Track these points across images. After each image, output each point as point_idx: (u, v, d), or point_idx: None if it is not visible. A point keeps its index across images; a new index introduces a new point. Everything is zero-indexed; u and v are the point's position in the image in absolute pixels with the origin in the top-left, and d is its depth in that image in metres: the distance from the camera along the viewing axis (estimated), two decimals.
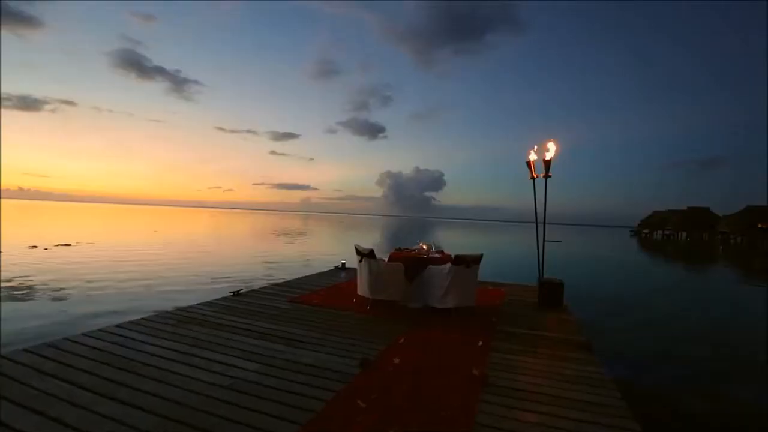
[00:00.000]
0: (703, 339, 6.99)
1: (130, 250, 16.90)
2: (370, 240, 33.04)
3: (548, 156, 5.68)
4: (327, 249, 22.33)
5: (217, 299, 5.28)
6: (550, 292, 5.49)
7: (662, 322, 8.10)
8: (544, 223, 6.15)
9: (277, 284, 6.56)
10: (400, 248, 6.01)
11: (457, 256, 4.74)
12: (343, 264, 8.45)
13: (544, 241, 6.26)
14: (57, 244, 17.03)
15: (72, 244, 17.48)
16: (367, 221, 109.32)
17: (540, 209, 6.27)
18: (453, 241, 35.31)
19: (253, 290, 5.97)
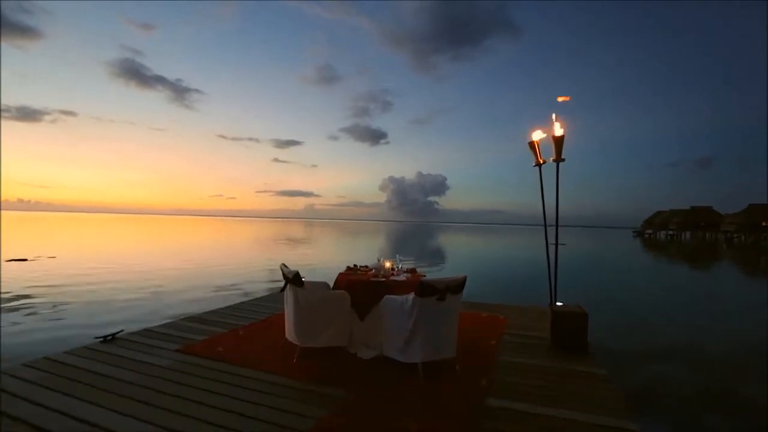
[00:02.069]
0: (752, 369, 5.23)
1: (90, 263, 15.23)
2: (375, 246, 31.44)
3: (559, 131, 3.97)
4: (326, 257, 20.91)
5: (74, 348, 3.57)
6: (568, 329, 3.73)
7: (694, 344, 6.34)
8: (557, 225, 4.40)
9: (185, 318, 4.77)
10: (356, 267, 4.28)
11: (423, 283, 3.00)
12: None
13: (556, 248, 4.54)
14: (9, 259, 15.34)
15: (28, 258, 15.83)
16: (370, 227, 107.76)
17: (550, 205, 4.54)
18: (453, 248, 33.56)
19: (146, 329, 4.24)
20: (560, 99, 4.34)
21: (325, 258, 20.94)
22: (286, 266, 3.55)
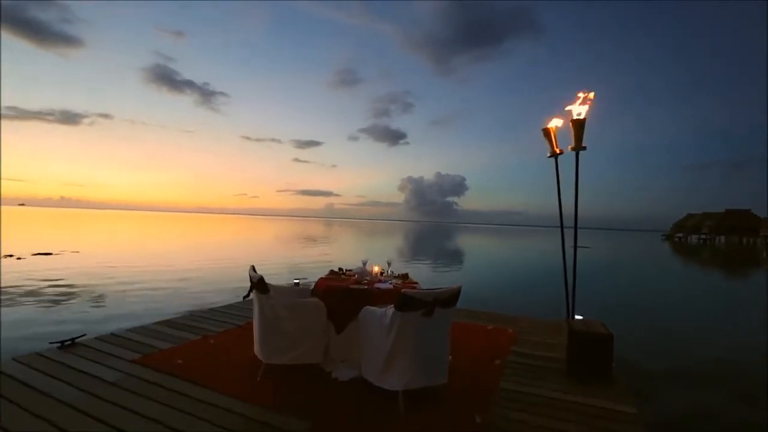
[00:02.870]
0: None
1: (110, 258, 15.35)
2: (392, 245, 31.00)
3: (578, 112, 3.35)
4: (344, 255, 20.81)
5: (24, 354, 3.20)
6: (588, 353, 3.11)
7: (737, 365, 5.53)
8: (575, 226, 3.76)
9: (161, 321, 4.32)
10: (342, 270, 3.77)
11: (405, 295, 2.46)
12: (297, 283, 6.21)
13: (575, 252, 3.91)
14: (35, 253, 15.71)
15: (53, 252, 16.16)
16: (388, 227, 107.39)
17: (568, 203, 3.91)
18: (467, 249, 32.79)
19: (112, 334, 3.84)
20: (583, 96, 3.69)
21: (342, 256, 20.63)
22: (254, 269, 3.08)
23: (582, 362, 3.12)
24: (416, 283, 3.43)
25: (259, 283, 2.84)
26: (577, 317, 4.05)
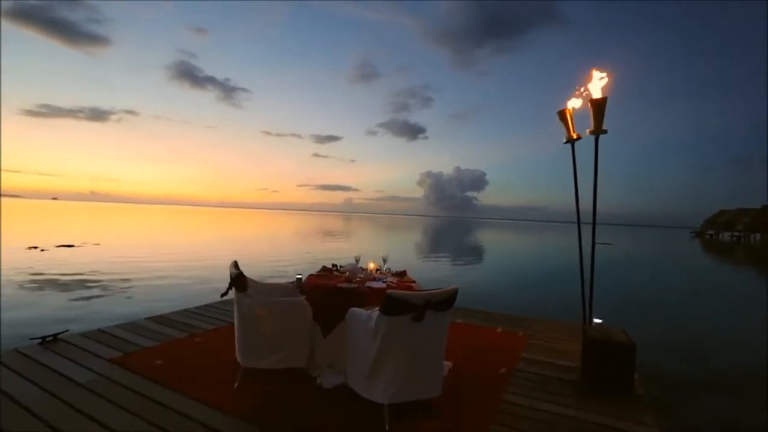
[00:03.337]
0: None
1: (130, 251, 15.70)
2: (410, 241, 30.67)
3: (598, 89, 2.96)
4: (363, 250, 20.61)
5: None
6: (606, 364, 2.74)
7: None
8: (594, 220, 3.37)
9: (152, 317, 4.13)
10: (335, 266, 3.50)
11: (391, 297, 2.16)
12: (299, 279, 5.98)
13: (593, 249, 3.50)
14: (59, 245, 16.16)
15: (75, 245, 16.59)
16: (407, 222, 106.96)
17: (585, 195, 3.50)
18: (483, 245, 32.20)
19: (100, 330, 3.68)
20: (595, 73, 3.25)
21: (361, 251, 20.49)
22: (236, 266, 2.83)
23: (598, 375, 2.76)
24: (413, 281, 3.13)
25: (235, 280, 2.60)
26: (596, 321, 3.66)
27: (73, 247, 15.68)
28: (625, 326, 3.07)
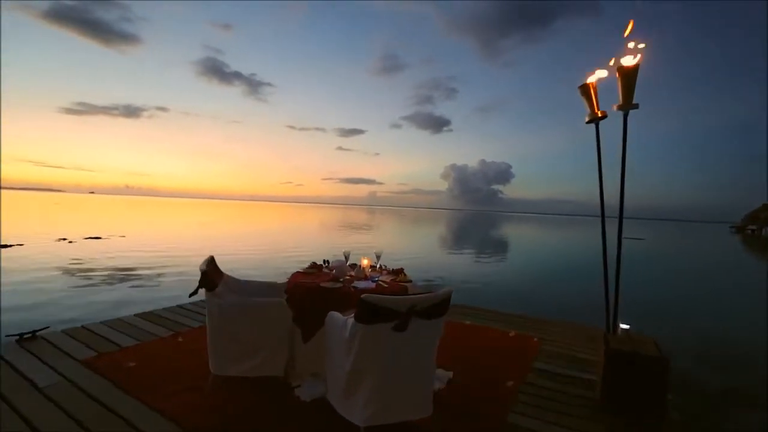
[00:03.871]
0: None
1: (153, 243, 15.93)
2: (435, 234, 30.22)
3: (630, 59, 2.49)
4: (388, 243, 20.67)
5: None
6: (630, 379, 2.31)
7: None
8: (621, 213, 2.89)
9: (141, 313, 3.92)
10: (326, 263, 3.17)
11: (365, 302, 1.81)
12: None
13: (619, 244, 3.02)
14: (86, 237, 16.64)
15: (102, 237, 17.04)
16: (431, 215, 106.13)
17: (611, 183, 3.02)
18: (507, 240, 31.31)
19: (84, 327, 3.51)
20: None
21: (384, 244, 20.29)
22: (211, 262, 2.56)
23: (622, 392, 2.33)
24: (410, 281, 2.77)
25: (203, 278, 2.32)
26: (622, 326, 3.20)
27: (100, 239, 16.09)
28: (656, 331, 2.64)
